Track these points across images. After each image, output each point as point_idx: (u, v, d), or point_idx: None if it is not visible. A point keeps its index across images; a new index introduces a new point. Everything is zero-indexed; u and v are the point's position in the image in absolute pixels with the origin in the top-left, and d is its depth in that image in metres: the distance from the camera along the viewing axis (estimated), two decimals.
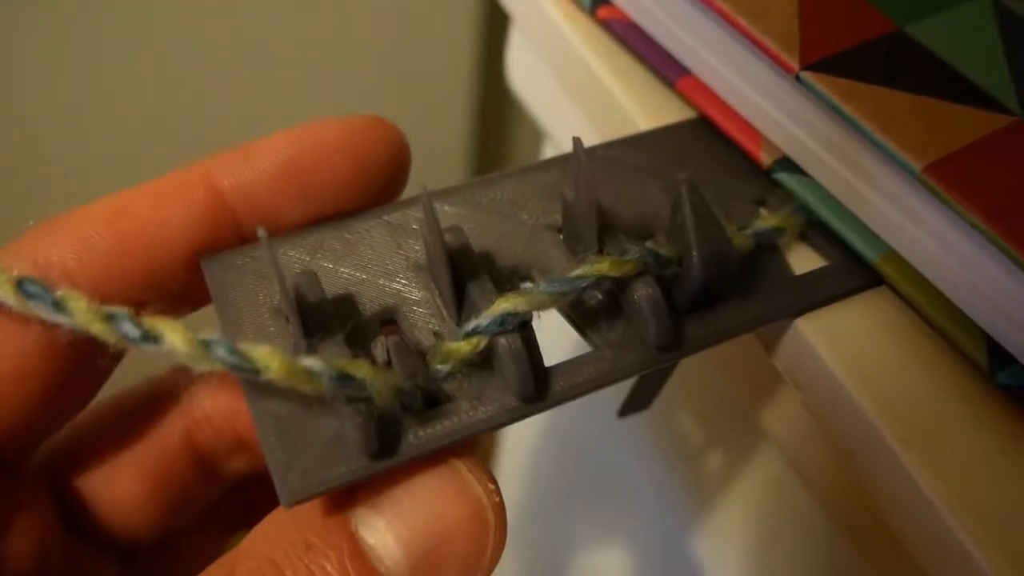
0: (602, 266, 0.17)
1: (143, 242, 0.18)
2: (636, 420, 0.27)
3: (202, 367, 0.15)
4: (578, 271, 0.17)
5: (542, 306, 0.17)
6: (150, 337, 0.15)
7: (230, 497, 0.24)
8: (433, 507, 0.16)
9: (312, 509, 0.16)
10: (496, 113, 0.84)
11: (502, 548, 0.16)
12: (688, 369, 0.26)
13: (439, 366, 0.17)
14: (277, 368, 0.15)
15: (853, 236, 0.20)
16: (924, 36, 0.20)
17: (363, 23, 0.70)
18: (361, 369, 0.16)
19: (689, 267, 0.18)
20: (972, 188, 0.17)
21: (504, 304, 0.17)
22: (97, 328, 0.16)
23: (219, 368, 0.15)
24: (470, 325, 0.17)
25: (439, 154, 0.83)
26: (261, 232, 0.15)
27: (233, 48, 0.67)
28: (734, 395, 0.29)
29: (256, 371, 0.15)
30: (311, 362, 0.15)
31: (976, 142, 0.18)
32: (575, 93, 0.26)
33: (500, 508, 0.16)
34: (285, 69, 0.70)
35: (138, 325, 0.16)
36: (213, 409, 0.22)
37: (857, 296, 0.20)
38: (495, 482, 0.17)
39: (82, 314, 0.16)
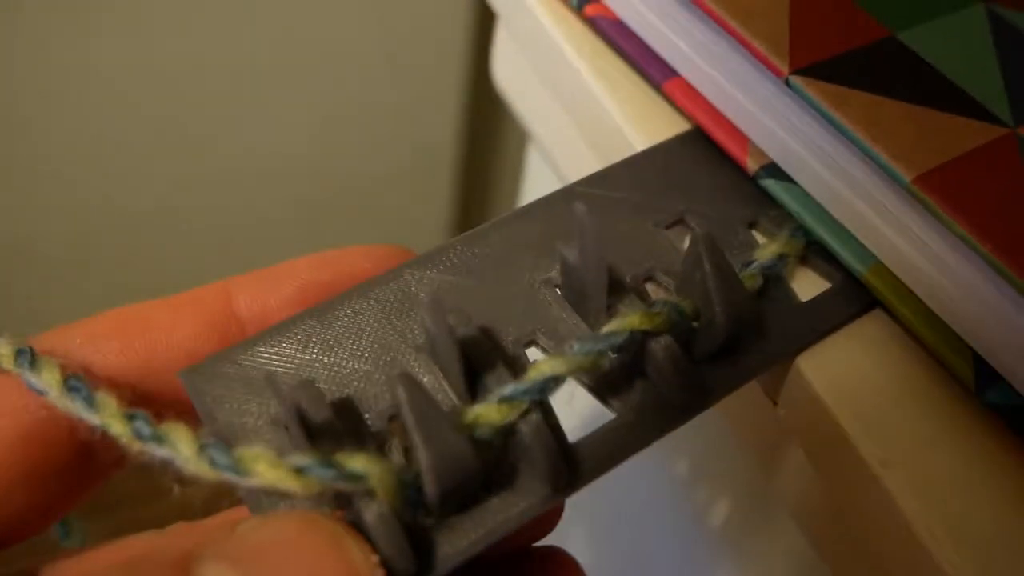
0: (633, 320, 0.16)
1: (148, 346, 0.18)
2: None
3: (199, 472, 0.15)
4: (609, 327, 0.16)
5: (580, 368, 0.16)
6: (158, 437, 0.15)
7: None
8: (300, 564, 0.14)
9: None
10: (485, 109, 0.83)
11: None
12: None
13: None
14: (264, 471, 0.14)
15: (840, 246, 0.19)
16: (917, 44, 0.20)
17: (352, 18, 0.70)
18: (357, 460, 0.14)
19: (713, 325, 0.17)
20: (962, 200, 0.17)
21: (543, 367, 0.15)
22: (116, 426, 0.16)
23: (212, 476, 0.15)
24: (507, 390, 0.15)
25: (427, 151, 0.82)
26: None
27: (223, 43, 0.66)
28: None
29: (241, 475, 0.14)
30: (297, 458, 0.14)
31: (967, 153, 0.18)
32: (559, 93, 0.26)
33: None
34: (275, 64, 0.69)
35: (151, 425, 0.15)
36: None
37: None
38: (378, 556, 0.14)
39: (110, 414, 0.16)
